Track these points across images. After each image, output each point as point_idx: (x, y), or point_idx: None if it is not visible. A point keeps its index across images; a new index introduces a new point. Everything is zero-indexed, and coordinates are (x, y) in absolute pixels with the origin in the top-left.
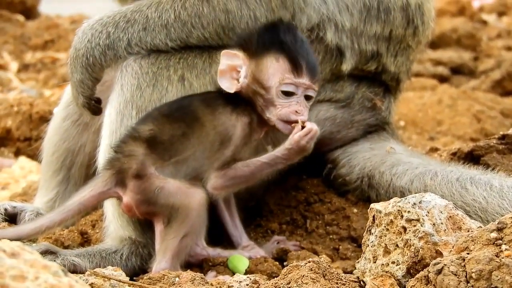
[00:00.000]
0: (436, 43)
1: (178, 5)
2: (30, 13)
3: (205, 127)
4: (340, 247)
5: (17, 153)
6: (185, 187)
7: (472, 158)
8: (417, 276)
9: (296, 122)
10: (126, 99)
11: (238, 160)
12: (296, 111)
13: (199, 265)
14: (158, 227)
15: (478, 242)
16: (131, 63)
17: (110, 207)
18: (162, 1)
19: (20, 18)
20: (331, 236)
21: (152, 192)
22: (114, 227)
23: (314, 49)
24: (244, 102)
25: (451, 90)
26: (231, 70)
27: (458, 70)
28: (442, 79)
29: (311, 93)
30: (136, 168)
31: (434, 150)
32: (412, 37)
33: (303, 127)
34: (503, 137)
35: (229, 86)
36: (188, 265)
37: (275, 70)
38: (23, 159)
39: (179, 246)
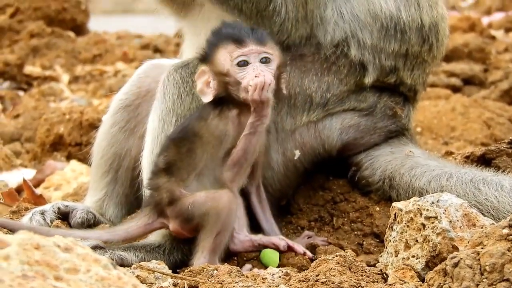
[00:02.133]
0: (449, 57)
1: None
2: (80, 29)
3: (204, 137)
4: (364, 242)
5: (68, 157)
6: (211, 193)
7: (484, 161)
8: (435, 269)
9: (263, 88)
10: (167, 107)
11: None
12: (256, 76)
13: (235, 258)
14: None
15: (491, 238)
16: (173, 73)
17: None
18: None
19: (71, 34)
20: (355, 232)
21: (187, 210)
22: None
23: (340, 64)
24: (226, 100)
25: (463, 99)
26: (206, 84)
27: (469, 81)
28: (455, 89)
29: (264, 55)
30: (166, 197)
31: (449, 153)
32: (428, 53)
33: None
34: None
35: (209, 97)
36: (231, 254)
37: (224, 55)
38: (74, 163)
39: (215, 242)
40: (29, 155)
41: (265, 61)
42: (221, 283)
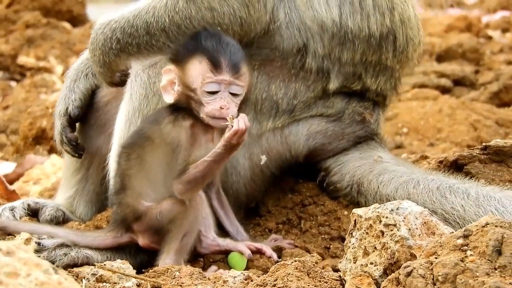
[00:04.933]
0: (442, 57)
1: (170, 9)
2: (76, 21)
3: (155, 142)
4: (331, 246)
5: (50, 151)
6: (176, 199)
7: (456, 166)
8: (389, 277)
9: (223, 118)
10: (134, 107)
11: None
12: (221, 107)
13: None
14: None
15: (446, 248)
16: (140, 73)
17: None
18: (157, 6)
19: (67, 25)
20: (323, 236)
21: (156, 221)
22: None
23: (307, 70)
24: (184, 109)
25: (451, 101)
26: (170, 84)
27: (460, 82)
28: (445, 90)
29: (235, 89)
30: (130, 212)
31: (424, 158)
32: (392, 60)
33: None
34: (485, 148)
35: (169, 98)
36: (197, 257)
37: (197, 72)
38: (54, 157)
39: (181, 244)
40: (12, 148)
41: (235, 92)
42: (181, 285)
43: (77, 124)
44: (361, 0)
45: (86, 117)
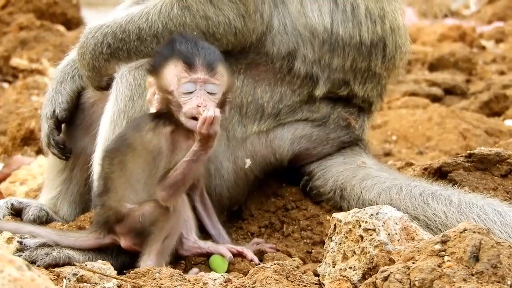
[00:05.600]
0: (434, 66)
1: (164, 16)
2: (70, 24)
3: (137, 150)
4: (313, 250)
5: (38, 152)
6: (158, 202)
7: (441, 174)
8: (366, 281)
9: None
10: (119, 109)
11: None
12: (198, 105)
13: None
14: None
15: (423, 253)
16: (126, 74)
17: None
18: (150, 12)
19: (60, 28)
20: (305, 240)
21: (138, 223)
22: None
23: (293, 75)
24: (165, 115)
25: (441, 109)
26: (153, 95)
27: (450, 91)
28: (436, 99)
29: (210, 88)
30: (113, 214)
31: (409, 164)
32: (380, 67)
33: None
34: (470, 155)
35: (153, 109)
36: (179, 258)
37: (172, 74)
38: (41, 158)
39: (162, 246)
40: (0, 148)
41: (211, 90)
42: (161, 286)
43: (63, 125)
44: (353, 8)
45: (72, 118)
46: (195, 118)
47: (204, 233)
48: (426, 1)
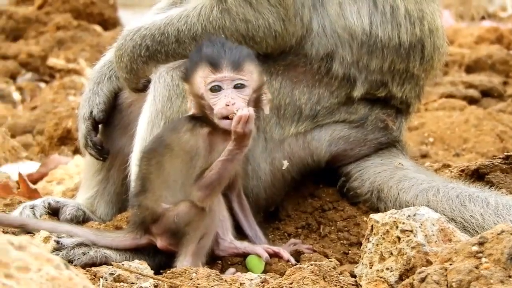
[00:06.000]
0: (471, 68)
1: (203, 18)
2: (107, 24)
3: (174, 150)
4: (350, 251)
5: (75, 152)
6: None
7: (478, 176)
8: (403, 283)
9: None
10: (157, 109)
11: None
12: (226, 104)
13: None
14: None
15: (461, 254)
16: (163, 75)
17: None
18: (190, 14)
19: (97, 28)
20: (342, 241)
21: (173, 223)
22: None
23: (331, 77)
24: (202, 118)
25: (478, 111)
26: (191, 102)
27: (487, 93)
28: (473, 100)
29: (238, 84)
30: (149, 215)
31: (446, 166)
32: (418, 68)
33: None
34: (507, 157)
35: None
36: (216, 259)
37: (200, 78)
38: (78, 158)
39: (198, 247)
40: (37, 147)
41: (239, 87)
42: (197, 286)
43: (100, 125)
44: (393, 10)
45: (109, 119)
46: (227, 118)
47: (240, 234)
48: (463, 3)
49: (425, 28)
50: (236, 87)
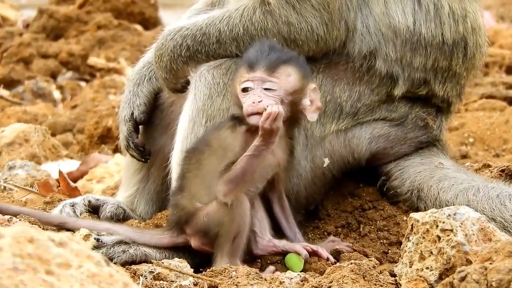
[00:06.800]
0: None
1: (246, 19)
2: (148, 23)
3: (213, 147)
4: (389, 251)
5: (115, 150)
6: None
7: None
8: (442, 282)
9: (261, 112)
10: (198, 107)
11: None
12: (253, 102)
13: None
14: None
15: (501, 254)
16: (204, 73)
17: None
18: (232, 15)
19: (138, 27)
20: (381, 241)
21: (203, 222)
22: None
23: (372, 74)
24: (241, 117)
25: None
26: None
27: None
28: None
29: (267, 85)
30: (184, 215)
31: (486, 166)
32: (460, 66)
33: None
34: None
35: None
36: (255, 258)
37: (237, 77)
38: (118, 156)
39: (233, 246)
40: (78, 146)
41: (270, 89)
42: (237, 285)
43: (141, 125)
44: (437, 8)
45: (150, 118)
46: (258, 113)
47: (280, 235)
48: (504, 4)
49: (468, 26)
50: (265, 87)
